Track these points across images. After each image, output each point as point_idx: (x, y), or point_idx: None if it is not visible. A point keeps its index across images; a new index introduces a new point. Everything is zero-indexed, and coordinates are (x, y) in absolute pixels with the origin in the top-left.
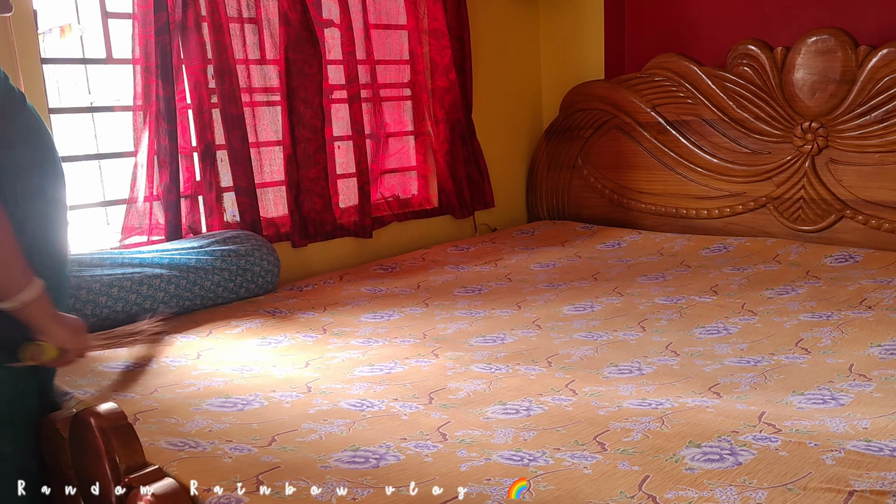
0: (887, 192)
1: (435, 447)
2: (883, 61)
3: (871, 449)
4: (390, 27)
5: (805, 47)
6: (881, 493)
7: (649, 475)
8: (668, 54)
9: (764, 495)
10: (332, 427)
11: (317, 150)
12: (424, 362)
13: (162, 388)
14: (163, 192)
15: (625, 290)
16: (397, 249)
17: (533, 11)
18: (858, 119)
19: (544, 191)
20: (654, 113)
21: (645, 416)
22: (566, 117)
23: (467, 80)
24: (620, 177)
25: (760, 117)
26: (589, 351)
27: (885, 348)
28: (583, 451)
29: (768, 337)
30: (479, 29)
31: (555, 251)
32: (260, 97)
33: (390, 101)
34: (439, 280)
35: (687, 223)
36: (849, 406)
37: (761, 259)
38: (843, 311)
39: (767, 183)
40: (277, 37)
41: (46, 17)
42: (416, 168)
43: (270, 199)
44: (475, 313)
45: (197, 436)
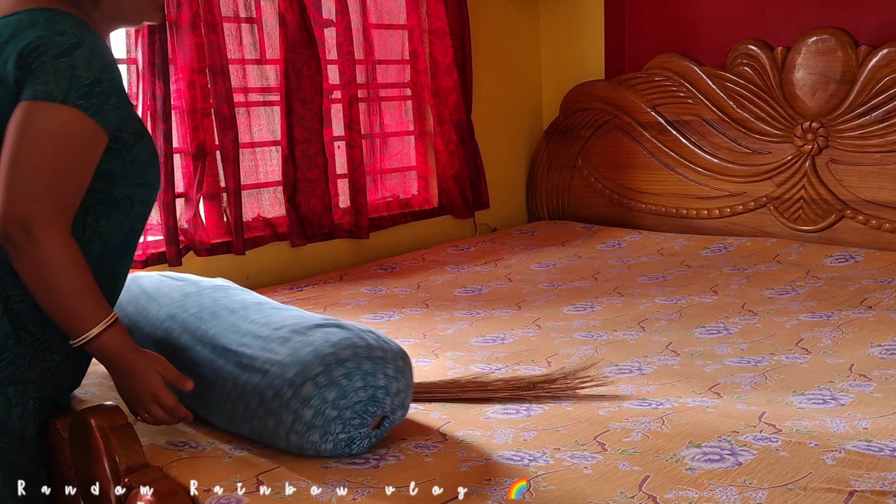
0: (888, 192)
1: (435, 447)
2: (883, 61)
3: (871, 449)
4: (391, 27)
5: (805, 47)
6: (881, 493)
7: (649, 475)
8: (668, 54)
9: (764, 495)
10: None
11: (316, 151)
12: (424, 362)
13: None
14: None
15: (625, 290)
16: (397, 249)
17: (533, 11)
18: (859, 119)
19: (544, 191)
20: (654, 113)
21: (645, 417)
22: (566, 117)
23: (467, 80)
24: (621, 177)
25: (761, 117)
26: (589, 351)
27: (885, 348)
28: (583, 451)
29: (768, 337)
30: (480, 28)
31: (555, 251)
32: (257, 97)
33: (390, 101)
34: (439, 280)
35: (687, 223)
36: (849, 406)
37: (761, 259)
38: (844, 311)
39: (768, 183)
40: (274, 37)
41: None
42: (417, 168)
43: (267, 200)
44: (475, 314)
45: (197, 436)
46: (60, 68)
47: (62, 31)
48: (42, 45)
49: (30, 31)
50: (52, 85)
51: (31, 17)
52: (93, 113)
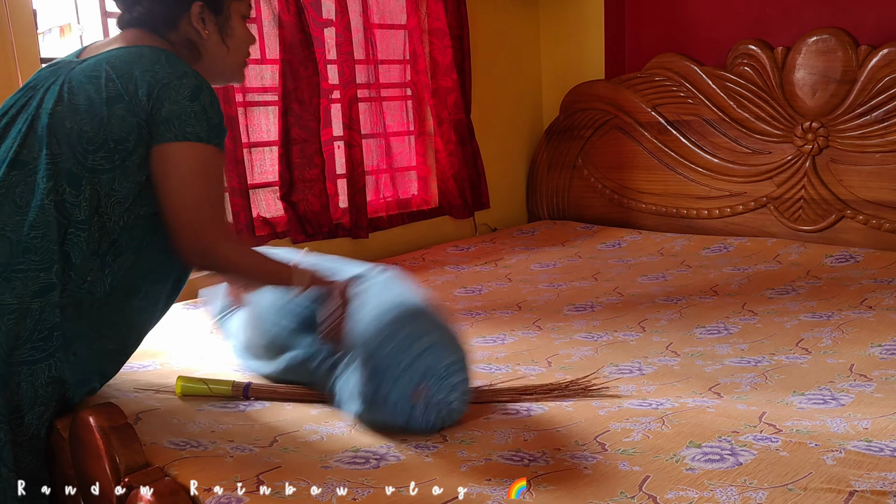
0: (888, 191)
1: (435, 447)
2: (883, 61)
3: (871, 449)
4: (392, 27)
5: (805, 47)
6: (882, 493)
7: (650, 475)
8: (668, 54)
9: (764, 495)
10: (333, 428)
11: (314, 151)
12: None
13: (164, 389)
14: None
15: (625, 290)
16: (397, 249)
17: (533, 11)
18: (859, 119)
19: (544, 191)
20: (654, 113)
21: (645, 417)
22: (566, 117)
23: (467, 80)
24: (621, 177)
25: (761, 117)
26: (589, 352)
27: (885, 348)
28: (583, 451)
29: (769, 337)
30: (479, 28)
31: (555, 251)
32: (255, 98)
33: (390, 101)
34: (439, 280)
35: (687, 223)
36: (849, 406)
37: (762, 259)
38: (844, 311)
39: (768, 183)
40: (272, 38)
41: (46, 17)
42: (416, 168)
43: (264, 200)
44: (475, 315)
45: (199, 436)
46: (196, 111)
47: (184, 71)
48: (170, 82)
49: (156, 64)
50: (197, 127)
51: (152, 52)
52: (221, 145)
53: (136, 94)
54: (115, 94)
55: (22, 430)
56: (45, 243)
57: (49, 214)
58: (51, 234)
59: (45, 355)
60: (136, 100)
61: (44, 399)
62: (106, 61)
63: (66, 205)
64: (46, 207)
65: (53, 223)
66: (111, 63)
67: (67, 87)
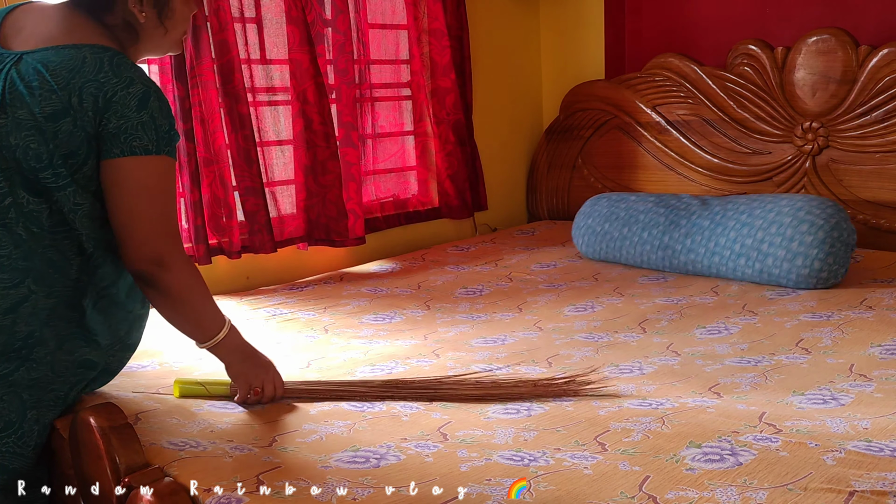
0: (888, 192)
1: (435, 447)
2: (883, 61)
3: (871, 449)
4: (391, 27)
5: (805, 47)
6: (882, 493)
7: (650, 475)
8: (668, 54)
9: (764, 495)
10: (332, 428)
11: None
12: (426, 362)
13: (164, 390)
14: (185, 192)
15: (625, 290)
16: (397, 250)
17: (533, 11)
18: (859, 119)
19: (544, 191)
20: (654, 113)
21: (645, 417)
22: (566, 117)
23: (466, 81)
24: (621, 177)
25: (761, 117)
26: (590, 352)
27: (885, 348)
28: (583, 451)
29: (769, 337)
30: (479, 28)
31: (555, 251)
32: (263, 97)
33: (388, 101)
34: (440, 280)
35: None
36: (849, 406)
37: None
38: (844, 311)
39: (768, 183)
40: (280, 36)
41: None
42: (416, 169)
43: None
44: (476, 317)
45: (199, 436)
46: (144, 122)
47: (130, 78)
48: (115, 94)
49: (100, 73)
50: (144, 139)
51: (94, 57)
52: (172, 152)
53: (80, 108)
54: (60, 108)
55: (24, 444)
56: (10, 262)
57: (13, 231)
58: (17, 252)
59: (20, 362)
60: (83, 113)
61: (42, 416)
62: (45, 66)
63: (33, 214)
64: (9, 225)
65: (23, 237)
66: (51, 70)
67: (9, 95)
